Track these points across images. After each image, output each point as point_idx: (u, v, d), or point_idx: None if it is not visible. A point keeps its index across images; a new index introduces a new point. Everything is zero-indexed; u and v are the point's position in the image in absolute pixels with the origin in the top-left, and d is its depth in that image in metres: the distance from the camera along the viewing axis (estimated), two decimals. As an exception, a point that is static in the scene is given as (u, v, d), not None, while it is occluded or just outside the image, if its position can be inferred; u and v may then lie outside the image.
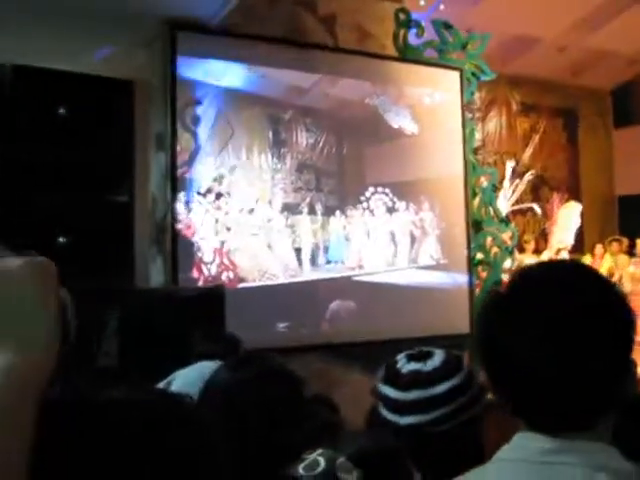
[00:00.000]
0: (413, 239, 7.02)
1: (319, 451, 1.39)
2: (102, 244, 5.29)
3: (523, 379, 1.07)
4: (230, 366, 1.81)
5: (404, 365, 1.70)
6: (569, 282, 1.11)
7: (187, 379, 2.62)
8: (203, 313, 4.68)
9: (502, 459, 1.10)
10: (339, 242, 6.60)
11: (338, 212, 6.63)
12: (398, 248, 6.91)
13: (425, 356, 1.70)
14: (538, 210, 9.47)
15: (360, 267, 6.69)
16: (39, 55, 5.19)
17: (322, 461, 1.35)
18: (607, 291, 1.11)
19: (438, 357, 1.69)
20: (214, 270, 5.90)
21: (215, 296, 5.29)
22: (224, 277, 5.92)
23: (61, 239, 5.14)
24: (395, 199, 6.90)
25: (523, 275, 1.18)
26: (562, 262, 1.55)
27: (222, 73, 6.12)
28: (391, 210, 6.89)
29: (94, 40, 5.40)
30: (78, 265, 5.13)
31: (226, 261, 5.94)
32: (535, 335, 1.05)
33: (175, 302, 4.86)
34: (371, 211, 6.78)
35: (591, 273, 1.15)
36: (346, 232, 6.65)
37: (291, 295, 6.25)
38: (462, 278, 7.20)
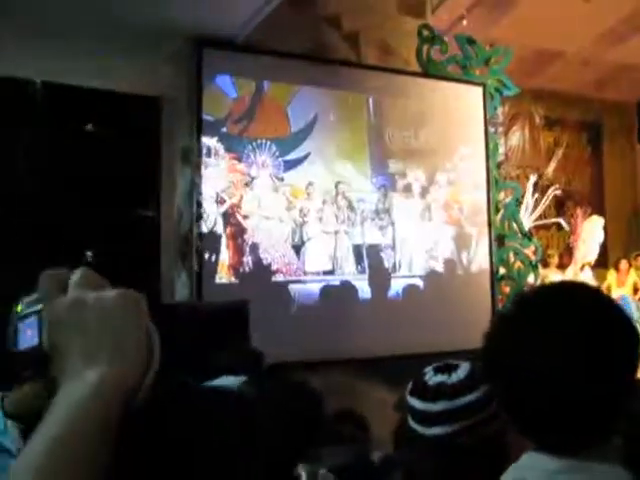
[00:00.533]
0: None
1: (301, 464, 1.41)
2: (129, 259, 5.35)
3: (528, 399, 1.08)
4: (252, 382, 1.84)
5: (431, 377, 1.74)
6: (573, 303, 1.13)
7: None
8: (227, 328, 4.70)
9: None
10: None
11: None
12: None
13: (451, 368, 1.74)
14: (565, 225, 9.42)
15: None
16: (67, 72, 5.27)
17: (304, 474, 1.38)
18: (610, 313, 1.13)
19: (463, 369, 1.72)
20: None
21: (239, 310, 5.32)
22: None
23: (89, 254, 5.21)
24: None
25: (528, 297, 1.20)
26: (567, 283, 1.56)
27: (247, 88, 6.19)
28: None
29: (121, 57, 5.47)
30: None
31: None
32: (539, 356, 1.07)
33: (198, 317, 4.89)
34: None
35: (595, 295, 1.17)
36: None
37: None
38: (485, 293, 7.18)
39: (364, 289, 6.42)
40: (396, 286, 6.61)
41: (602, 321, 1.10)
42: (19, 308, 0.82)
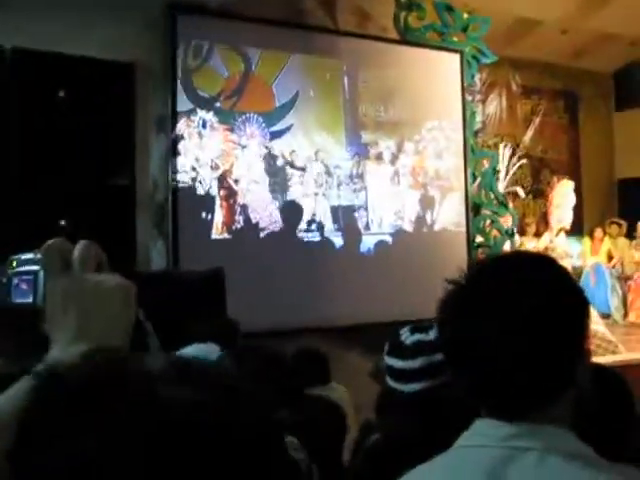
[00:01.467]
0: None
1: None
2: (103, 228, 5.30)
3: (479, 364, 1.10)
4: (230, 354, 1.85)
5: (408, 337, 1.78)
6: (525, 271, 1.15)
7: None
8: (203, 296, 4.68)
9: (463, 446, 1.13)
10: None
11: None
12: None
13: (427, 328, 1.77)
14: (522, 194, 9.42)
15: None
16: (39, 38, 5.17)
17: None
18: (561, 278, 1.15)
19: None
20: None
21: (215, 278, 5.32)
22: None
23: (62, 222, 5.16)
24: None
25: (482, 266, 1.22)
26: (520, 253, 1.59)
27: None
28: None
29: (94, 23, 5.38)
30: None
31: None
32: (490, 321, 1.08)
33: (173, 285, 4.88)
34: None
35: (546, 262, 1.18)
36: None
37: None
38: (462, 261, 7.22)
39: (339, 244, 6.75)
40: (368, 243, 6.88)
41: (552, 288, 1.12)
42: (13, 263, 0.89)
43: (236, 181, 6.22)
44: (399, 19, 6.95)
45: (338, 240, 6.73)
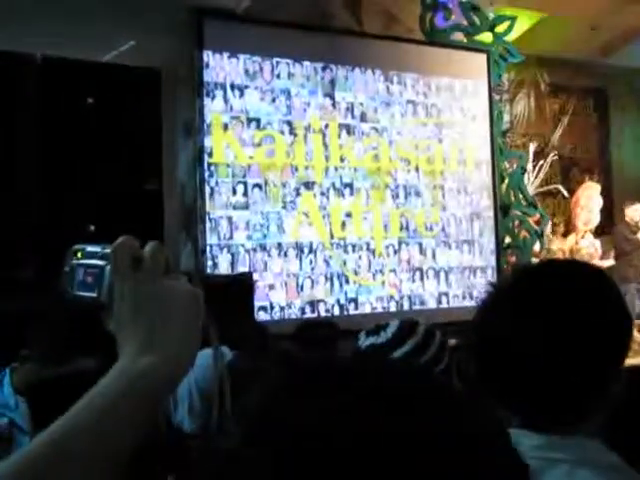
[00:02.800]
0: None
1: None
2: (132, 232, 5.34)
3: (514, 369, 1.09)
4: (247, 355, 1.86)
5: (363, 341, 1.76)
6: (574, 281, 1.14)
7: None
8: (232, 300, 4.71)
9: None
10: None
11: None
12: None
13: (380, 329, 1.75)
14: (565, 192, 9.35)
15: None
16: (67, 45, 5.24)
17: None
18: (610, 293, 1.14)
19: (391, 327, 1.73)
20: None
21: (244, 283, 5.34)
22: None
23: (91, 227, 5.22)
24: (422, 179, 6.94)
25: (527, 270, 1.20)
26: (572, 261, 1.57)
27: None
28: (418, 194, 6.92)
29: (121, 29, 5.44)
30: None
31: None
32: (530, 331, 1.07)
33: (202, 289, 4.91)
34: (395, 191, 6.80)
35: (592, 275, 1.16)
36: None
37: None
38: (491, 262, 7.19)
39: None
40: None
41: (600, 301, 1.10)
42: (79, 254, 0.87)
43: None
44: (425, 20, 6.93)
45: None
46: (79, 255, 0.87)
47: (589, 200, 9.07)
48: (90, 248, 0.87)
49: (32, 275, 4.85)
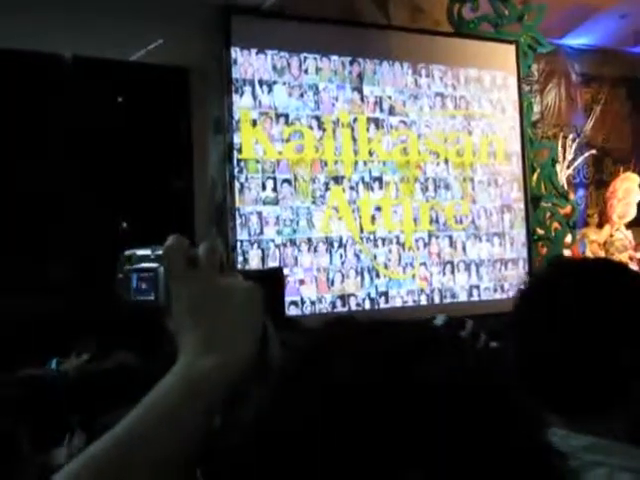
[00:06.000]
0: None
1: None
2: (163, 229, 5.41)
3: (554, 368, 1.11)
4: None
5: None
6: (602, 277, 1.15)
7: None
8: (263, 295, 4.72)
9: None
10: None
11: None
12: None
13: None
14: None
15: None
16: (97, 45, 5.30)
17: None
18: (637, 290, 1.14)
19: (439, 321, 1.74)
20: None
21: (274, 278, 5.37)
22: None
23: (124, 224, 5.29)
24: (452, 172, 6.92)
25: (559, 267, 1.21)
26: (606, 260, 1.57)
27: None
28: (448, 186, 6.90)
29: (149, 28, 5.49)
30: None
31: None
32: (566, 327, 1.10)
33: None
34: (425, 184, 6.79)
35: (631, 276, 1.17)
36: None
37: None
38: (522, 254, 7.15)
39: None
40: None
41: (629, 297, 1.12)
42: (130, 259, 0.88)
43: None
44: (453, 12, 6.90)
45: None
46: (131, 260, 0.88)
47: (628, 193, 8.93)
48: (141, 252, 0.88)
49: (65, 273, 4.93)
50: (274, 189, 6.13)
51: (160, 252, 0.84)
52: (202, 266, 0.81)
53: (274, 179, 6.13)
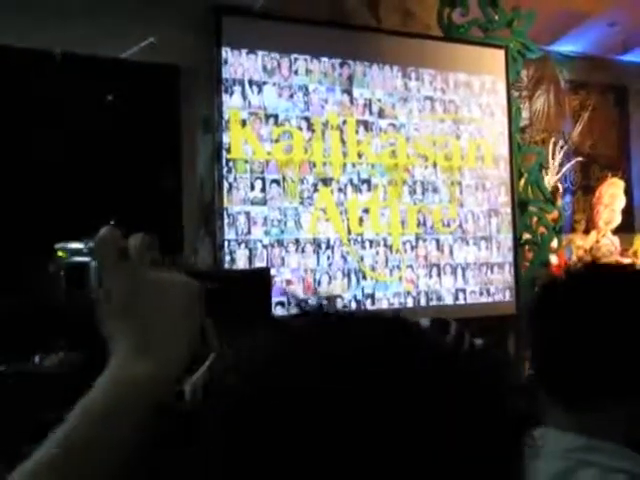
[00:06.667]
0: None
1: None
2: (151, 227, 5.40)
3: (571, 369, 1.13)
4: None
5: None
6: (622, 282, 1.19)
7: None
8: (249, 295, 4.72)
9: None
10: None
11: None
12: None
13: None
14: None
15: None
16: (85, 42, 5.30)
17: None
18: None
19: (424, 323, 1.74)
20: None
21: (262, 278, 5.37)
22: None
23: (111, 222, 5.28)
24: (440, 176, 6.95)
25: (579, 272, 1.25)
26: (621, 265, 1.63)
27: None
28: (436, 190, 6.93)
29: (139, 26, 5.49)
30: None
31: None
32: (594, 328, 1.13)
33: (220, 284, 4.96)
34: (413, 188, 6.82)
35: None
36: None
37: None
38: (508, 258, 7.19)
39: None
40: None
41: None
42: (61, 253, 0.84)
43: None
44: (443, 16, 6.93)
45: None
46: (62, 254, 0.84)
47: (613, 198, 8.98)
48: (72, 245, 0.84)
49: (51, 270, 4.91)
50: (262, 189, 6.14)
51: (92, 245, 0.80)
52: (133, 257, 0.77)
53: (263, 179, 6.14)
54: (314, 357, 0.58)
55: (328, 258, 6.37)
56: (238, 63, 6.08)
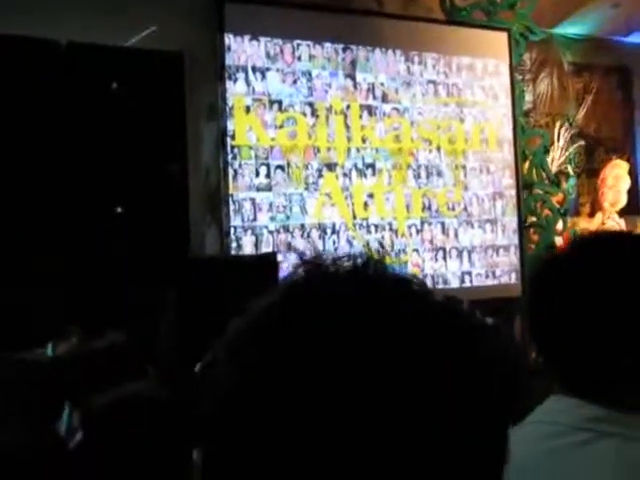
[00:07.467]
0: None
1: None
2: (158, 214, 5.45)
3: (576, 344, 1.11)
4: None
5: None
6: (624, 252, 1.16)
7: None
8: (257, 280, 4.75)
9: (540, 421, 1.14)
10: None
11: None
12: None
13: None
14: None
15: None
16: (89, 31, 5.31)
17: None
18: None
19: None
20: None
21: (269, 264, 5.39)
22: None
23: (118, 209, 5.31)
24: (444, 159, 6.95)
25: (581, 242, 1.22)
26: (620, 232, 1.58)
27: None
28: (440, 174, 6.94)
29: (143, 14, 5.51)
30: (135, 234, 5.32)
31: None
32: (594, 302, 1.11)
33: (228, 269, 4.98)
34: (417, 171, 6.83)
35: None
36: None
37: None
38: (513, 240, 7.20)
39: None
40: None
41: None
42: None
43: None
44: (445, -1, 6.93)
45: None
46: None
47: (617, 180, 8.95)
48: None
49: (60, 257, 4.95)
50: (267, 175, 6.16)
51: None
52: None
53: (267, 165, 6.17)
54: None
55: (334, 243, 6.39)
56: (241, 50, 6.09)
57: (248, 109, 6.11)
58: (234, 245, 5.98)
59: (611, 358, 1.08)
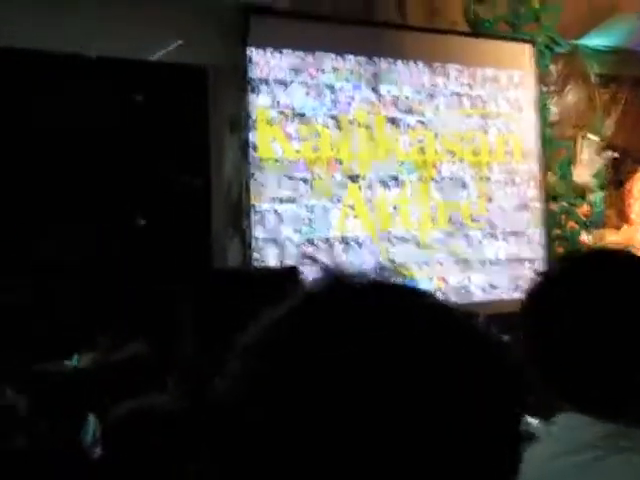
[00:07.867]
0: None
1: None
2: (180, 227, 5.48)
3: (574, 361, 1.11)
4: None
5: None
6: (624, 269, 1.16)
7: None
8: (279, 294, 4.73)
9: (552, 439, 1.12)
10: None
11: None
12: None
13: None
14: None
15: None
16: (115, 45, 5.38)
17: None
18: None
19: None
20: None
21: (291, 277, 5.40)
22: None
23: (141, 221, 5.36)
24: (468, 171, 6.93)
25: (576, 260, 1.21)
26: (616, 250, 1.56)
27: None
28: (464, 185, 6.91)
29: (167, 28, 5.56)
30: (157, 247, 5.35)
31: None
32: (590, 318, 1.11)
33: (250, 282, 4.98)
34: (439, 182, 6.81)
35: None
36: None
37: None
38: (538, 253, 7.14)
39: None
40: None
41: None
42: None
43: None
44: (470, 11, 6.92)
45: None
46: None
47: (643, 192, 8.87)
48: None
49: (83, 269, 5.01)
50: (291, 187, 6.17)
51: None
52: None
53: (291, 177, 6.18)
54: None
55: (357, 255, 6.38)
56: (264, 62, 6.12)
57: (271, 121, 6.13)
58: (257, 257, 5.99)
59: (623, 375, 1.07)
